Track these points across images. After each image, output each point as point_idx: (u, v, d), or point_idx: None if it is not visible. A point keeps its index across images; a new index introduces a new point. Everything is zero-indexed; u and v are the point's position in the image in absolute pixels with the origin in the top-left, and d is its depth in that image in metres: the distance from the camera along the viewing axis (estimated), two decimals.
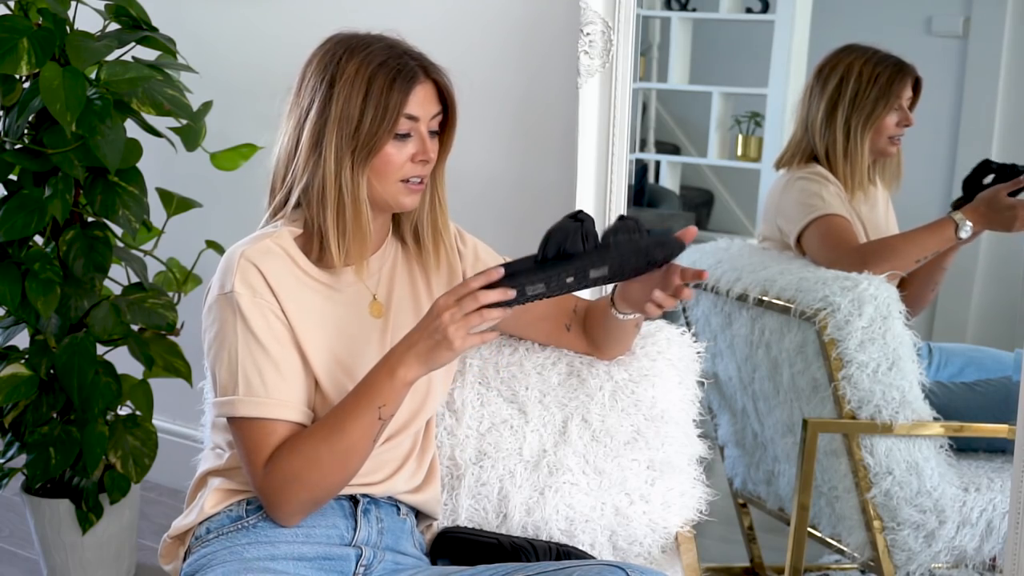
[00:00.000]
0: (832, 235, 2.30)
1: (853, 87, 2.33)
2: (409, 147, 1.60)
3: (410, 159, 1.60)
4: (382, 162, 1.59)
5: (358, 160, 1.58)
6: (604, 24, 2.18)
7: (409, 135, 1.60)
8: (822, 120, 2.35)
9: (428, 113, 1.61)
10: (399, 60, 1.58)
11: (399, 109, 1.57)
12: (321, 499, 1.58)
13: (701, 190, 2.89)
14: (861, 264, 2.21)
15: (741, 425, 2.52)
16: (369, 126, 1.56)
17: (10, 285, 2.29)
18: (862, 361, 2.14)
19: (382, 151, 1.58)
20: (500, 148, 2.55)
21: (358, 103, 1.56)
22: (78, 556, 2.56)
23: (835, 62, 2.36)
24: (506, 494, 1.82)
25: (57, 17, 2.26)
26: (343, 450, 1.53)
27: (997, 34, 2.40)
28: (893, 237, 2.32)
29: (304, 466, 1.53)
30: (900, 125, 2.35)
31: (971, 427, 2.20)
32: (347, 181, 1.58)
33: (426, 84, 1.60)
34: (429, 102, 1.61)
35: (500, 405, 1.85)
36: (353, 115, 1.56)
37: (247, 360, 1.56)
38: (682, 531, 1.88)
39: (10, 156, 2.29)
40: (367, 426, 1.53)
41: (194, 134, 2.45)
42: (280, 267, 1.60)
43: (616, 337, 1.79)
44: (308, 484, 1.54)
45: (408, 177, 1.61)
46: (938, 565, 2.22)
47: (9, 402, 2.35)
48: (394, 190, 1.61)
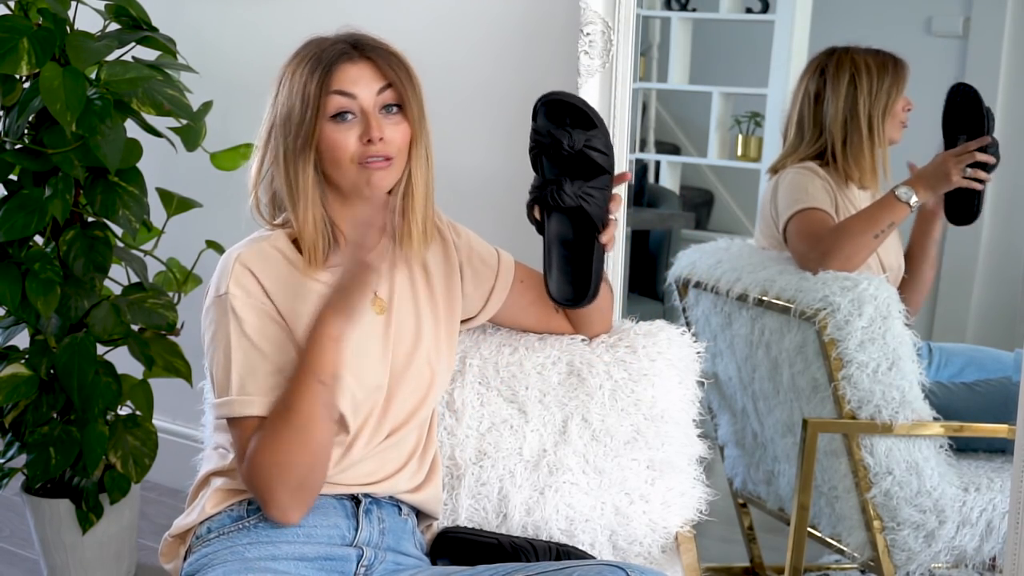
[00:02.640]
0: (806, 229, 2.30)
1: (867, 80, 2.33)
2: (354, 128, 1.60)
3: (358, 140, 1.60)
4: (328, 147, 1.59)
5: (300, 150, 1.59)
6: (604, 24, 2.18)
7: (348, 115, 1.59)
8: (844, 119, 2.34)
9: (369, 90, 1.60)
10: (330, 47, 1.61)
11: (323, 88, 1.57)
12: (304, 481, 1.56)
13: (701, 190, 2.89)
14: (822, 254, 2.21)
15: (741, 425, 2.52)
16: (299, 114, 1.58)
17: (10, 285, 2.29)
18: (862, 361, 2.14)
19: (322, 136, 1.59)
20: (500, 148, 2.55)
21: (289, 97, 1.59)
22: (78, 556, 2.56)
23: (837, 60, 2.36)
24: (506, 494, 1.82)
25: (57, 17, 2.26)
26: (300, 425, 1.52)
27: (997, 34, 2.40)
28: (844, 220, 2.31)
29: (270, 451, 1.53)
30: (904, 109, 2.36)
31: (971, 427, 2.20)
32: (293, 174, 1.60)
33: (359, 63, 1.60)
34: (366, 79, 1.60)
35: (500, 405, 1.85)
36: (289, 111, 1.59)
37: (241, 361, 1.57)
38: (682, 531, 1.88)
39: (10, 156, 2.29)
40: (313, 395, 1.52)
41: (194, 134, 2.45)
42: (275, 269, 1.61)
43: (586, 315, 1.84)
44: (281, 467, 1.54)
45: (363, 159, 1.60)
46: (938, 565, 2.22)
47: (9, 402, 2.35)
48: (353, 174, 1.61)
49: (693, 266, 2.49)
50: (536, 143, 1.65)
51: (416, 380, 1.70)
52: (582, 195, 1.62)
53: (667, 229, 2.82)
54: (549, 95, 1.65)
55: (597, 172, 1.64)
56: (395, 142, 1.61)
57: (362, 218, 1.52)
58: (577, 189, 1.62)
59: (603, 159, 1.63)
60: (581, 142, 1.62)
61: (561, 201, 1.61)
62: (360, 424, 1.65)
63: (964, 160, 2.23)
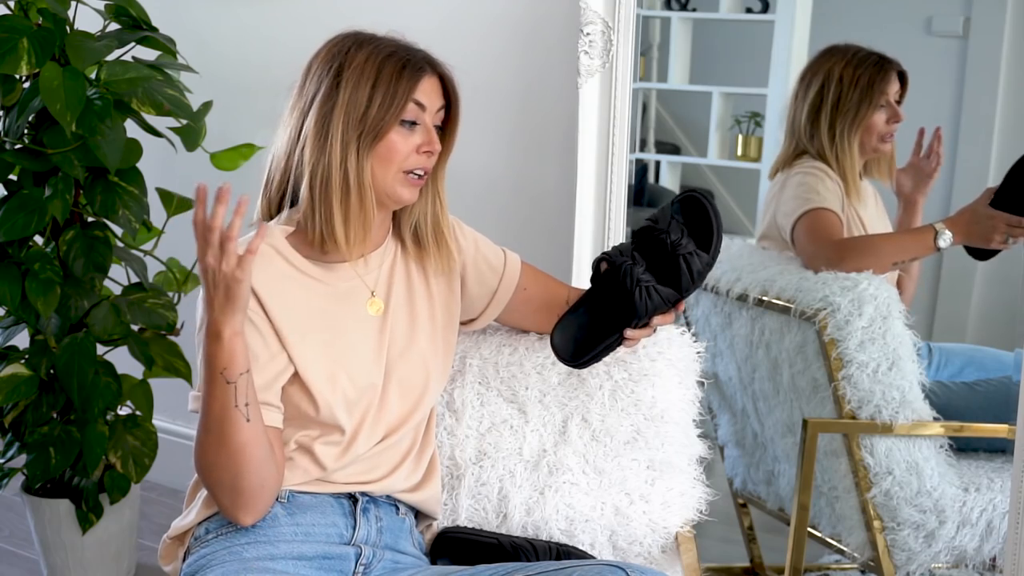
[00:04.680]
0: (817, 229, 2.30)
1: (835, 91, 2.33)
2: (415, 137, 1.62)
3: (415, 149, 1.62)
4: (387, 149, 1.60)
5: (364, 144, 1.59)
6: (604, 24, 2.18)
7: (415, 124, 1.62)
8: (806, 125, 2.36)
9: (434, 105, 1.64)
10: (407, 51, 1.63)
11: (408, 94, 1.60)
12: (237, 485, 1.54)
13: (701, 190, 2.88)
14: (839, 258, 2.21)
15: (741, 425, 2.52)
16: (377, 111, 1.58)
17: (10, 285, 2.29)
18: (862, 361, 2.14)
19: (387, 137, 1.60)
20: (500, 148, 2.55)
21: (367, 89, 1.59)
22: (78, 556, 2.56)
23: (816, 68, 2.37)
24: (506, 494, 1.82)
25: (57, 17, 2.26)
26: (215, 426, 1.52)
27: (997, 34, 2.40)
28: (876, 236, 2.32)
29: (199, 455, 1.55)
30: (890, 122, 2.35)
31: (971, 427, 2.20)
32: (352, 166, 1.59)
33: (433, 77, 1.64)
34: (435, 94, 1.64)
35: (500, 405, 1.85)
36: (361, 100, 1.58)
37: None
38: (682, 531, 1.88)
39: (10, 156, 2.29)
40: (221, 394, 1.51)
41: (194, 134, 2.45)
42: (269, 270, 1.61)
43: None
44: (208, 470, 1.54)
45: (411, 168, 1.62)
46: (938, 565, 2.22)
47: (9, 402, 2.35)
48: (394, 180, 1.62)
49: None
50: (653, 220, 1.64)
51: (411, 380, 1.69)
52: (645, 288, 1.60)
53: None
54: (699, 194, 1.64)
55: (673, 284, 1.62)
56: (438, 156, 1.66)
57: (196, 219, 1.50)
58: (646, 280, 1.60)
59: (686, 280, 1.61)
60: (684, 250, 1.60)
61: (623, 277, 1.61)
62: (357, 424, 1.65)
63: (1014, 234, 2.22)
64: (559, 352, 1.65)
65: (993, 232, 2.22)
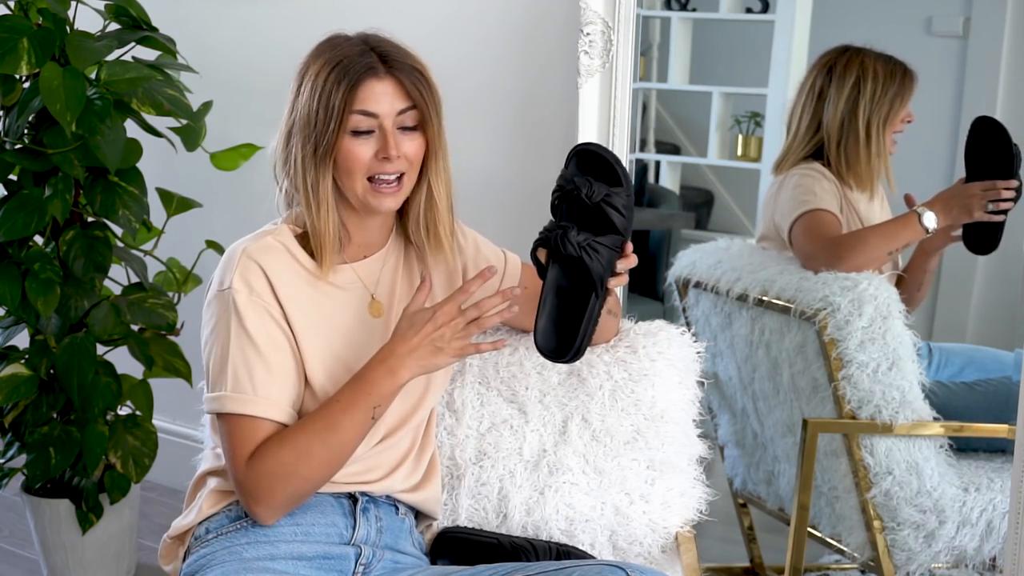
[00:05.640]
0: (814, 229, 2.30)
1: (872, 86, 2.32)
2: (371, 143, 1.59)
3: (374, 155, 1.59)
4: (344, 160, 1.59)
5: (320, 159, 1.58)
6: (604, 24, 2.18)
7: (371, 132, 1.59)
8: (842, 120, 2.34)
9: (391, 109, 1.59)
10: (357, 58, 1.57)
11: (344, 107, 1.56)
12: (305, 493, 1.58)
13: (701, 190, 2.88)
14: (835, 257, 2.21)
15: (741, 425, 2.52)
16: (321, 126, 1.57)
17: (10, 285, 2.29)
18: (862, 361, 2.14)
19: (342, 149, 1.58)
20: (500, 148, 2.55)
21: (314, 103, 1.57)
22: (78, 556, 2.56)
23: (847, 61, 2.35)
24: (506, 494, 1.82)
25: (57, 17, 2.26)
26: (336, 445, 1.55)
27: (997, 34, 2.40)
28: (864, 229, 2.32)
29: (295, 459, 1.54)
30: (904, 121, 2.35)
31: (971, 427, 2.20)
32: (311, 180, 1.59)
33: (384, 80, 1.58)
34: (389, 98, 1.58)
35: (500, 405, 1.85)
36: (311, 115, 1.57)
37: (238, 358, 1.57)
38: (682, 531, 1.87)
39: (10, 156, 2.29)
40: (361, 424, 1.55)
41: (194, 134, 2.45)
42: (281, 264, 1.61)
43: None
44: (296, 477, 1.55)
45: (374, 175, 1.60)
46: (938, 565, 2.22)
47: (9, 402, 2.35)
48: (361, 189, 1.60)
49: (693, 266, 2.49)
50: (559, 188, 1.62)
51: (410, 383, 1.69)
52: (586, 247, 1.57)
53: (667, 229, 2.82)
54: (584, 144, 1.63)
55: (610, 230, 1.60)
56: (410, 157, 1.61)
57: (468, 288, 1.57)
58: (583, 240, 1.57)
59: (618, 219, 1.59)
60: (600, 195, 1.58)
61: (563, 248, 1.57)
62: None
63: (988, 196, 2.22)
64: (547, 351, 1.62)
65: (971, 201, 2.23)
